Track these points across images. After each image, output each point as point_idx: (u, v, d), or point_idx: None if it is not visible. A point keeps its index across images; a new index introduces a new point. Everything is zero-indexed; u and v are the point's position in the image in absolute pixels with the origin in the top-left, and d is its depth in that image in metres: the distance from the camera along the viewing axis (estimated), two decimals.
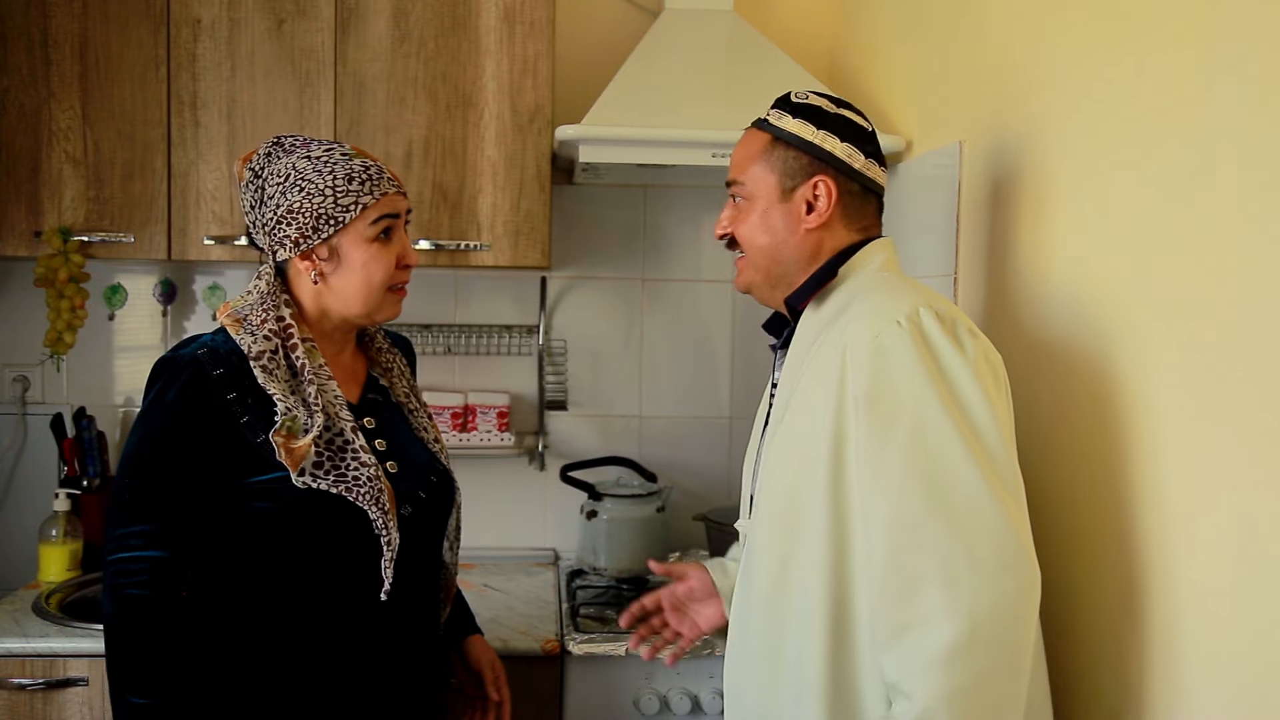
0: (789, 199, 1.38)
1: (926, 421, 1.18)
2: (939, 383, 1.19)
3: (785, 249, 1.38)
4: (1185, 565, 1.16)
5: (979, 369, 1.22)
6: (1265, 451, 1.04)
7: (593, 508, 2.35)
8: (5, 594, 2.23)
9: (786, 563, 1.30)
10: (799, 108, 1.39)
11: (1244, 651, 1.07)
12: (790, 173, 1.37)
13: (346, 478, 1.39)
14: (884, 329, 1.22)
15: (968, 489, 1.16)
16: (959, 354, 1.21)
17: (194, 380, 1.37)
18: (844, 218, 1.38)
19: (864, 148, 1.38)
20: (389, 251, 1.46)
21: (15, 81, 2.16)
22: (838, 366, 1.25)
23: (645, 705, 2.01)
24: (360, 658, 1.44)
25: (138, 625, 1.35)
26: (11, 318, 2.49)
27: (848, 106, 1.41)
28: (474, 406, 2.52)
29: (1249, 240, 1.06)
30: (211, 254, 2.20)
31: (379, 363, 1.60)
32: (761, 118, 1.43)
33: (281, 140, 1.47)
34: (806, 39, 2.59)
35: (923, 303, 1.24)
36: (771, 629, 1.32)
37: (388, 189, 1.46)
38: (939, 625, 1.13)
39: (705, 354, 2.63)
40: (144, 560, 1.35)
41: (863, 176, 1.38)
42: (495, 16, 2.23)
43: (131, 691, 1.34)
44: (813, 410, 1.28)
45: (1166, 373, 1.21)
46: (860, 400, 1.22)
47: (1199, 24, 1.15)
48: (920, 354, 1.20)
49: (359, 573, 1.42)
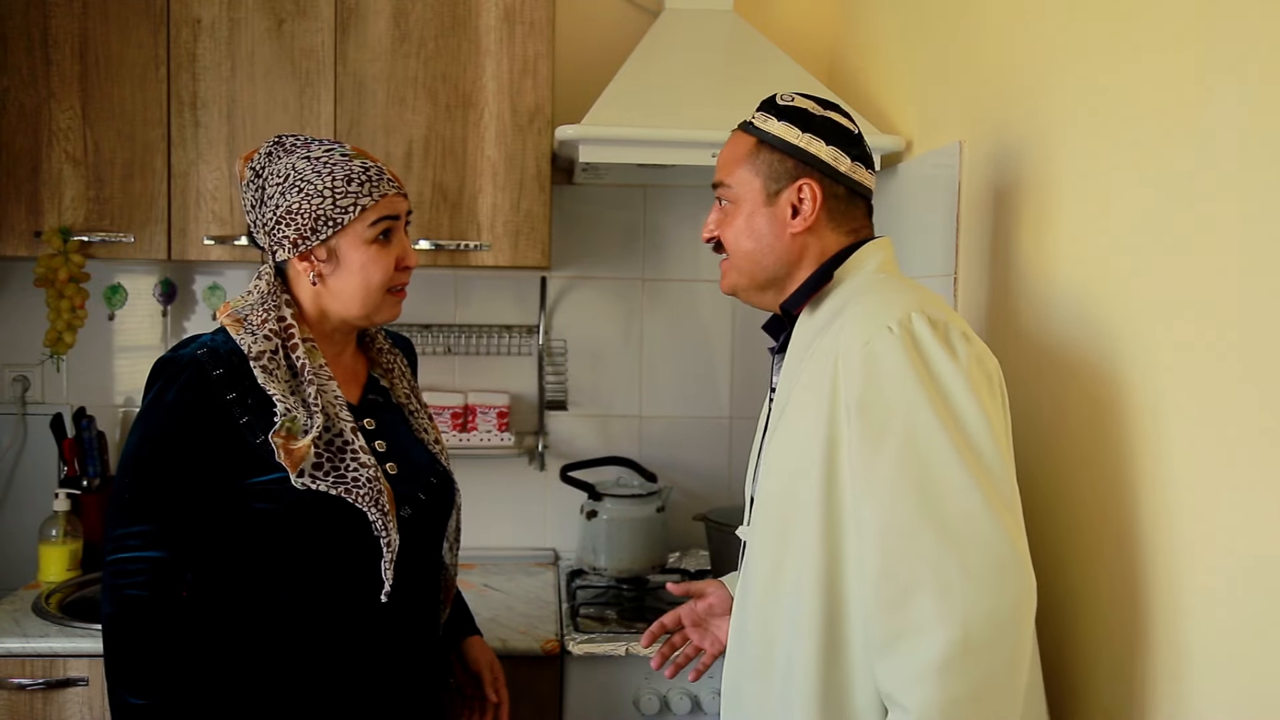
0: (774, 202, 1.37)
1: (918, 429, 1.17)
2: (930, 389, 1.18)
3: (770, 254, 1.38)
4: (1189, 569, 1.16)
5: (972, 375, 1.21)
6: (1266, 452, 1.03)
7: (593, 508, 2.35)
8: (5, 594, 2.23)
9: (779, 568, 1.29)
10: (784, 110, 1.38)
11: (1249, 655, 1.06)
12: (775, 176, 1.36)
13: (346, 479, 1.39)
14: (875, 335, 1.22)
15: (961, 497, 1.15)
16: (951, 360, 1.20)
17: (194, 380, 1.37)
18: (830, 221, 1.37)
19: (850, 150, 1.37)
20: (388, 253, 1.45)
21: (15, 81, 2.16)
22: (830, 373, 1.25)
23: (645, 705, 2.01)
24: (359, 658, 1.44)
25: (136, 625, 1.34)
26: (11, 318, 2.49)
27: (835, 109, 1.40)
28: (474, 406, 2.52)
29: (1249, 240, 1.06)
30: (211, 254, 2.20)
31: (380, 364, 1.59)
32: (747, 120, 1.42)
33: (283, 140, 1.47)
34: (806, 39, 2.59)
35: (915, 307, 1.23)
36: (765, 635, 1.31)
37: (387, 190, 1.45)
38: (932, 634, 1.12)
39: (705, 354, 2.63)
40: (143, 561, 1.35)
41: (849, 179, 1.37)
42: (495, 16, 2.23)
43: (130, 692, 1.33)
44: (806, 417, 1.27)
45: (1168, 374, 1.20)
46: (852, 407, 1.21)
47: (1198, 24, 1.15)
48: (911, 360, 1.19)
49: (359, 574, 1.42)
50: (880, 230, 1.46)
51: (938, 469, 1.16)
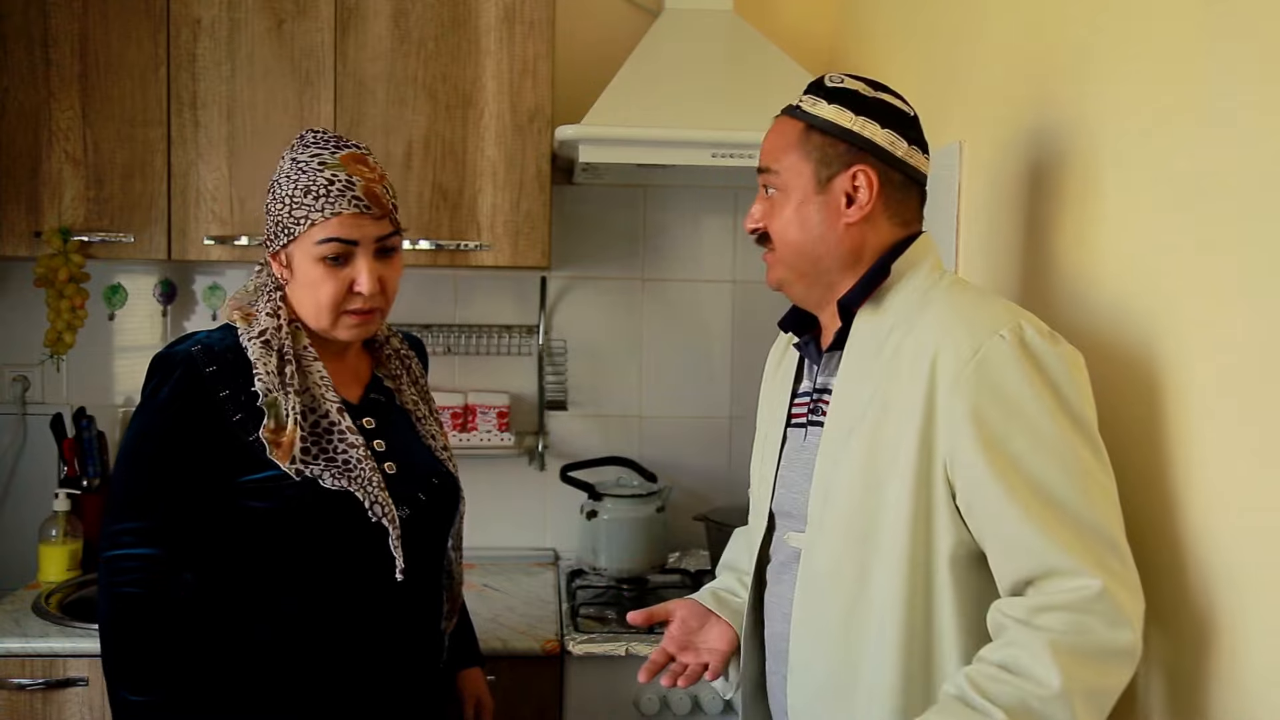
0: (826, 190, 1.27)
1: (1045, 436, 1.13)
2: (1051, 397, 1.14)
3: (822, 245, 1.28)
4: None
5: (1080, 378, 1.17)
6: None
7: (593, 508, 2.35)
8: (5, 594, 2.23)
9: (863, 585, 1.22)
10: (834, 92, 1.28)
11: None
12: (827, 161, 1.27)
13: (336, 461, 1.38)
14: (986, 342, 1.16)
15: (1097, 508, 1.12)
16: (1065, 366, 1.16)
17: (186, 377, 1.36)
18: (887, 211, 1.28)
19: (906, 134, 1.28)
20: (337, 276, 1.39)
21: (15, 81, 2.16)
22: (925, 378, 1.18)
23: (645, 705, 2.01)
24: (354, 661, 1.42)
25: (132, 622, 1.34)
26: (11, 318, 2.49)
27: (886, 90, 1.31)
28: (474, 406, 2.52)
29: (1250, 240, 1.06)
30: (211, 254, 2.20)
31: (387, 367, 1.57)
32: (793, 104, 1.32)
33: (304, 135, 1.44)
34: (806, 39, 2.59)
35: (1019, 314, 1.19)
36: (845, 656, 1.24)
37: (344, 209, 1.36)
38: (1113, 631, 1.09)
39: (705, 354, 2.63)
40: (137, 558, 1.34)
41: (905, 165, 1.28)
42: (495, 16, 2.24)
43: (128, 689, 1.33)
44: (893, 422, 1.20)
45: (1168, 374, 1.20)
46: (963, 417, 1.15)
47: (1204, 23, 1.15)
48: (1030, 369, 1.14)
49: (361, 564, 1.41)
50: None
51: (1070, 476, 1.12)
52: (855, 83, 1.30)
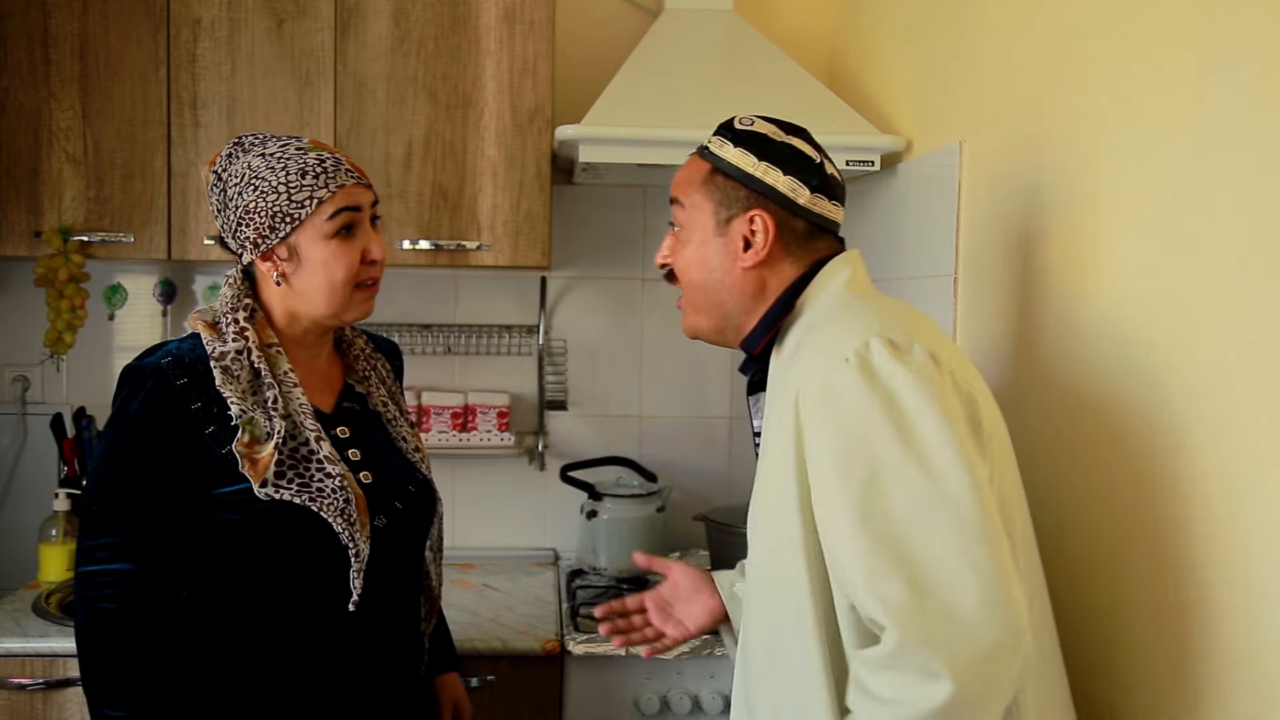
0: (725, 232, 1.28)
1: (882, 472, 1.07)
2: (892, 424, 1.08)
3: (723, 288, 1.28)
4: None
5: (943, 399, 1.10)
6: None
7: (593, 508, 2.35)
8: (5, 594, 2.23)
9: (777, 636, 1.20)
10: (742, 135, 1.28)
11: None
12: (727, 203, 1.27)
13: (310, 488, 1.36)
14: (832, 372, 1.12)
15: (929, 545, 1.05)
16: (917, 385, 1.09)
17: (157, 390, 1.34)
18: (789, 256, 1.28)
19: (809, 180, 1.26)
20: (350, 248, 1.40)
21: (15, 81, 2.16)
22: (792, 415, 1.16)
23: (645, 705, 2.01)
24: (333, 668, 1.41)
25: (107, 638, 1.33)
26: (11, 318, 2.49)
27: (799, 134, 1.30)
28: (474, 406, 2.52)
29: (1250, 241, 1.07)
30: (211, 254, 2.20)
31: (356, 370, 1.55)
32: (703, 144, 1.33)
33: (242, 140, 1.43)
34: (806, 39, 2.59)
35: (874, 331, 1.13)
36: (769, 699, 1.22)
37: (345, 181, 1.39)
38: (927, 685, 1.02)
39: (705, 354, 2.63)
40: (111, 574, 1.32)
41: (809, 213, 1.26)
42: (495, 16, 2.24)
43: (105, 704, 1.33)
44: (777, 467, 1.18)
45: (1170, 374, 1.21)
46: (814, 453, 1.12)
47: (1198, 22, 1.15)
48: (871, 393, 1.09)
49: (328, 584, 1.39)
50: (880, 231, 1.42)
51: (905, 518, 1.06)
52: (767, 125, 1.29)
